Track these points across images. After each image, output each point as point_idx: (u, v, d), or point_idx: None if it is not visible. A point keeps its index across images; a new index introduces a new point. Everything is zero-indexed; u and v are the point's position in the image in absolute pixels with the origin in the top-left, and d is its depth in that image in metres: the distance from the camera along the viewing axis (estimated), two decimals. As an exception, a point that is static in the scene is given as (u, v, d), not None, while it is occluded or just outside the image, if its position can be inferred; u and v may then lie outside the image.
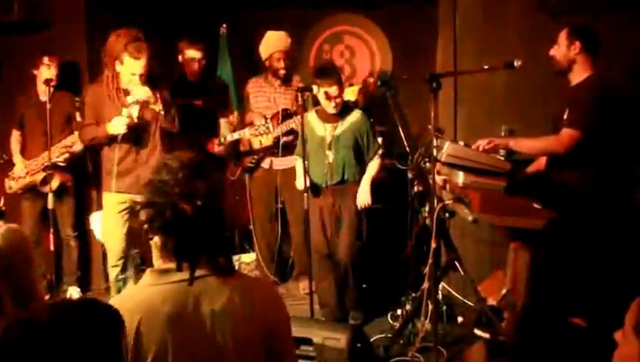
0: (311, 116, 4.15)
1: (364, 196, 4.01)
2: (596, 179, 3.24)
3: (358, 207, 4.01)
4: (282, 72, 4.63)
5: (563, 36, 3.35)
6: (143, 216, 1.60)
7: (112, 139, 3.97)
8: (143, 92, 3.87)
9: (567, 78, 3.39)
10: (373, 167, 4.06)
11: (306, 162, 3.88)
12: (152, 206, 1.59)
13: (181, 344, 1.57)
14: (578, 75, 3.34)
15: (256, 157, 4.74)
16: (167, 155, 1.71)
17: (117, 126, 3.90)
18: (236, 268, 5.01)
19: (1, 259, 1.84)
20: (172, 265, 1.60)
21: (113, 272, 4.16)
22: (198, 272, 1.60)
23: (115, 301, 1.62)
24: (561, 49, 3.35)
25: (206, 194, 1.60)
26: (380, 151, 4.07)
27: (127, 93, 3.93)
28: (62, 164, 4.44)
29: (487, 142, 3.35)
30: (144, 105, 3.91)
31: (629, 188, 3.32)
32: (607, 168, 3.27)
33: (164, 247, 1.62)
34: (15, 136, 4.63)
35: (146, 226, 1.60)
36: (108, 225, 4.15)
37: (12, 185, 4.54)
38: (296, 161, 4.28)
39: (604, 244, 3.07)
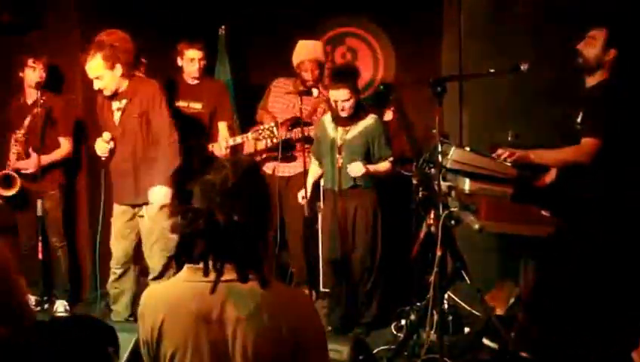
0: (326, 118, 4.16)
1: (358, 168, 3.92)
2: (607, 186, 3.22)
3: (348, 171, 3.96)
4: (310, 82, 4.53)
5: (601, 37, 3.26)
6: (178, 218, 1.64)
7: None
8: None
9: (584, 76, 3.35)
10: (383, 164, 4.03)
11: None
12: (189, 211, 1.63)
13: (201, 345, 1.59)
14: (596, 77, 3.31)
15: (259, 158, 4.72)
16: (230, 159, 1.75)
17: (99, 149, 3.97)
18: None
19: None
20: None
21: (112, 277, 4.15)
22: (228, 277, 1.61)
23: (147, 295, 1.70)
24: (595, 50, 3.27)
25: (247, 209, 1.63)
26: (391, 158, 4.04)
27: (113, 97, 3.92)
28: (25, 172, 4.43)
29: (509, 153, 3.30)
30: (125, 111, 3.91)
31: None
32: (618, 174, 3.26)
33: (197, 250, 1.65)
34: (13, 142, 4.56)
35: (178, 230, 1.63)
36: (114, 229, 4.12)
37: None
38: (311, 165, 4.32)
39: (615, 253, 3.07)
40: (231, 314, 1.60)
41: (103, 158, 4.00)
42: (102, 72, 3.79)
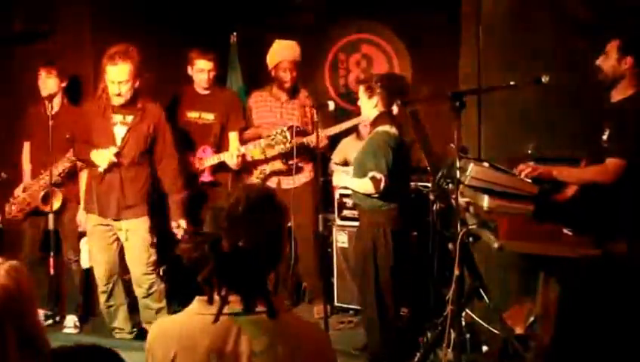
0: None
1: (336, 175, 4.04)
2: (633, 203, 3.19)
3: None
4: (288, 84, 4.60)
5: (613, 48, 3.26)
6: (184, 243, 1.67)
7: None
8: None
9: (609, 92, 3.33)
10: (358, 180, 3.75)
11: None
12: (195, 236, 1.67)
13: None
14: (622, 91, 3.28)
15: (261, 176, 4.71)
16: (244, 185, 1.75)
17: (100, 160, 4.01)
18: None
19: (9, 300, 1.74)
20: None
21: (102, 298, 4.20)
22: (238, 309, 1.62)
23: (156, 328, 1.70)
24: (610, 61, 3.26)
25: (254, 236, 1.63)
26: (371, 174, 3.65)
27: (115, 110, 3.99)
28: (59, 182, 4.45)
29: (532, 169, 3.29)
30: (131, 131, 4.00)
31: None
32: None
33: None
34: (27, 150, 4.64)
35: (185, 254, 1.65)
36: (92, 248, 4.19)
37: (13, 208, 4.52)
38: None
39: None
40: (245, 348, 1.60)
41: (101, 170, 4.04)
42: (128, 79, 3.89)
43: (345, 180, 3.94)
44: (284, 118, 4.67)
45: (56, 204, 4.40)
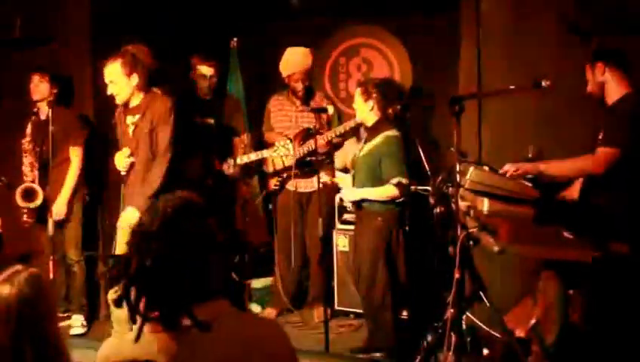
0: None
1: (346, 192, 4.04)
2: (634, 204, 3.20)
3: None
4: (300, 93, 4.65)
5: (587, 69, 3.40)
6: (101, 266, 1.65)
7: None
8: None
9: (604, 102, 3.38)
10: (380, 189, 3.84)
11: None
12: (110, 258, 1.63)
13: None
14: (615, 93, 3.33)
15: (280, 179, 4.73)
16: (163, 197, 1.70)
17: (119, 164, 4.02)
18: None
19: (29, 310, 1.74)
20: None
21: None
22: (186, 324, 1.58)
23: (108, 351, 1.63)
24: (590, 80, 3.39)
25: (168, 253, 1.58)
26: (395, 180, 3.79)
27: (127, 112, 4.01)
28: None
29: (515, 168, 3.30)
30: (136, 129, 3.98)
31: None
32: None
33: None
34: None
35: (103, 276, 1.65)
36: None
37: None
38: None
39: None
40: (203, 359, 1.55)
41: (123, 173, 4.03)
42: (117, 77, 3.89)
43: (361, 193, 3.93)
44: (298, 122, 4.69)
45: (37, 201, 4.50)
